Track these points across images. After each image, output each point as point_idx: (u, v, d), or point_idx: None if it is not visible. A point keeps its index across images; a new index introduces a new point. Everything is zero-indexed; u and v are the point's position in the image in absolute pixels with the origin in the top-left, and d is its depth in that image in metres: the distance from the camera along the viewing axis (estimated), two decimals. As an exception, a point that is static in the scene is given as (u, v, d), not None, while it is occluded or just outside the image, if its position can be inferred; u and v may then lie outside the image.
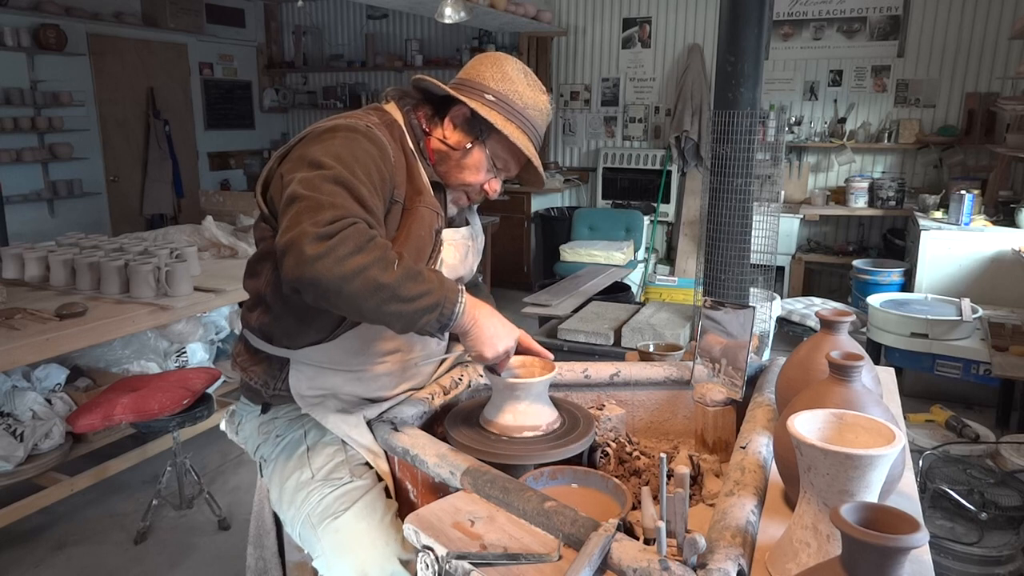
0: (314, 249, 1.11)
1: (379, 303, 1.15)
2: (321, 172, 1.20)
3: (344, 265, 1.11)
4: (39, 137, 5.94)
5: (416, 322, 1.20)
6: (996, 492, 2.32)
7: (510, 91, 1.39)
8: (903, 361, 3.73)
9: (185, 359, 3.69)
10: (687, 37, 6.26)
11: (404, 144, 1.39)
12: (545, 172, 6.45)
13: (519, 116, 1.39)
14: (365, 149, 1.27)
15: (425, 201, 1.38)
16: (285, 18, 8.13)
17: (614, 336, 2.94)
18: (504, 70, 1.40)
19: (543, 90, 1.44)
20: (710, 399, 1.46)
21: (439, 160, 1.44)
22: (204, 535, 2.83)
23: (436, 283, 1.21)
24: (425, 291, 1.18)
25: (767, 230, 2.94)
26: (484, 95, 1.38)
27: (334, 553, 1.31)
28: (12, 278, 3.27)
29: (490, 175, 1.45)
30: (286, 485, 1.39)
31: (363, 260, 1.12)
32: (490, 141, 1.41)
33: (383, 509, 1.34)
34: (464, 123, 1.41)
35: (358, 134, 1.29)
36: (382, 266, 1.14)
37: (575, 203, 6.83)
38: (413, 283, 1.17)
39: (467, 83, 1.41)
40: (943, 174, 5.61)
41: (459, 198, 1.48)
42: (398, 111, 1.44)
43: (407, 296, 1.16)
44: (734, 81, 2.68)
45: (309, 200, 1.16)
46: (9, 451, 2.74)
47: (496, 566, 0.98)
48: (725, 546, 0.95)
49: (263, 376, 1.43)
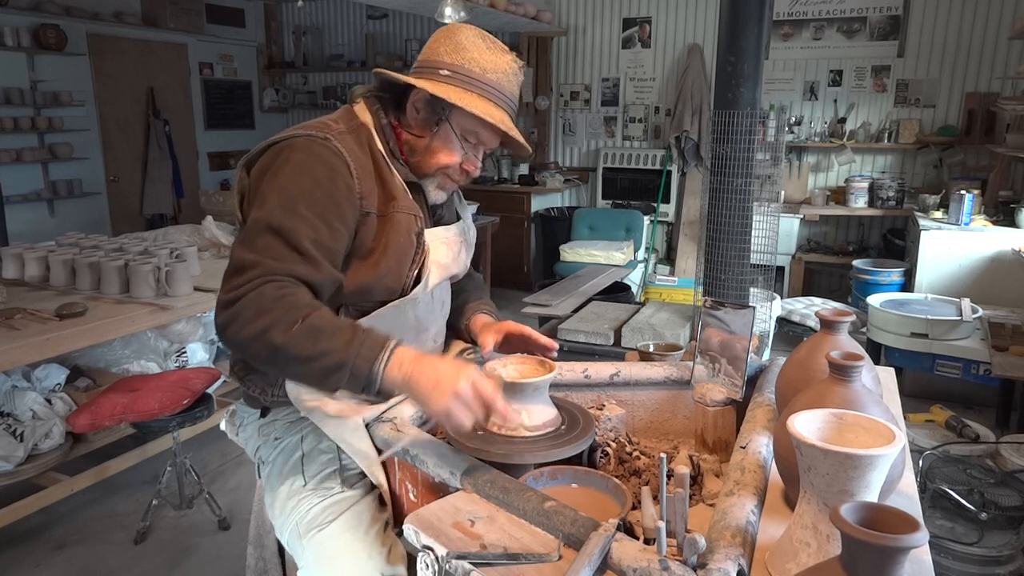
0: (221, 317, 1.14)
1: (282, 366, 1.14)
2: (261, 216, 1.21)
3: (246, 330, 1.12)
4: (39, 137, 5.95)
5: (326, 383, 1.13)
6: (996, 492, 2.32)
7: (465, 60, 1.33)
8: (903, 361, 3.72)
9: (185, 359, 3.69)
10: (687, 37, 6.26)
11: (373, 148, 1.36)
12: (545, 172, 6.40)
13: (478, 84, 1.33)
14: (317, 177, 1.24)
15: (400, 206, 1.35)
16: (285, 18, 8.13)
17: (614, 336, 2.94)
18: (456, 40, 1.34)
19: (505, 50, 1.37)
20: (710, 399, 1.46)
21: (411, 151, 1.40)
22: (204, 535, 2.83)
23: (345, 340, 1.12)
24: (326, 350, 1.11)
25: (767, 230, 2.94)
26: (439, 71, 1.33)
27: (316, 565, 1.30)
28: (12, 278, 3.28)
29: (466, 153, 1.40)
30: (279, 491, 1.39)
31: (264, 322, 1.11)
32: (454, 118, 1.35)
33: (369, 522, 1.31)
34: (425, 106, 1.36)
35: (312, 155, 1.26)
36: (282, 327, 1.10)
37: (575, 203, 6.83)
38: (312, 342, 1.10)
39: (423, 64, 1.37)
40: (943, 174, 5.61)
41: (443, 183, 1.43)
42: (367, 111, 1.40)
43: (304, 356, 1.10)
44: (734, 81, 2.68)
45: (233, 262, 1.18)
46: (9, 451, 2.74)
47: (496, 566, 0.98)
48: (725, 546, 0.95)
49: (260, 384, 1.43)
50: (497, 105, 1.36)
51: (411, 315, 1.45)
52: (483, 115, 1.32)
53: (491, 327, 1.56)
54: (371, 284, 1.36)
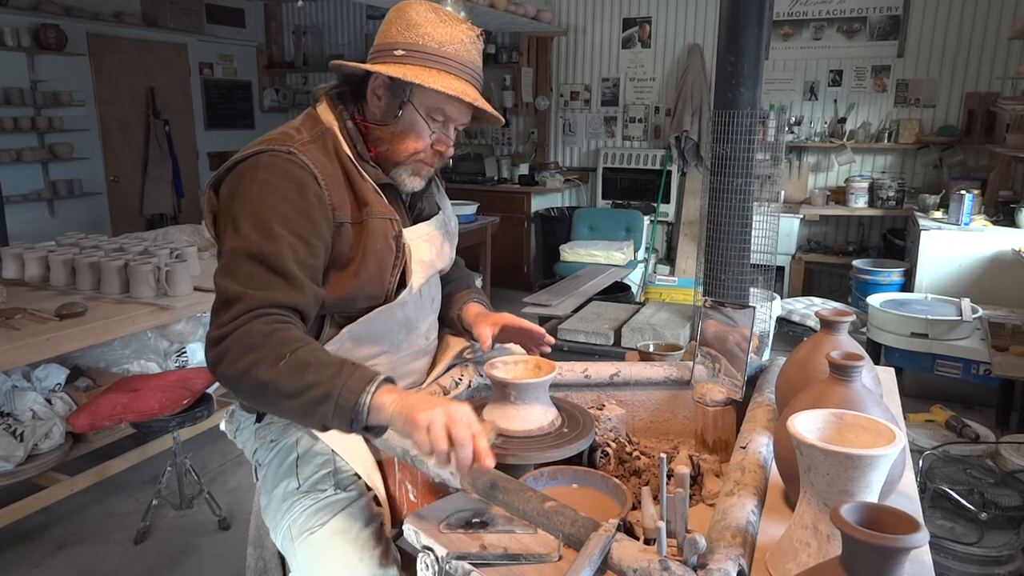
0: (211, 354, 1.14)
1: (270, 403, 1.13)
2: (238, 244, 1.20)
3: (235, 366, 1.11)
4: (39, 137, 5.94)
5: (311, 418, 1.11)
6: (996, 492, 2.31)
7: (418, 36, 1.29)
8: (903, 361, 3.72)
9: (185, 359, 3.69)
10: (687, 37, 6.26)
11: (340, 153, 1.33)
12: (545, 172, 6.38)
13: (435, 59, 1.29)
14: (284, 194, 1.23)
15: (374, 211, 1.32)
16: (285, 18, 8.12)
17: (614, 336, 2.95)
18: (407, 17, 1.30)
19: (459, 19, 1.32)
20: (710, 399, 1.46)
21: (380, 142, 1.36)
22: (204, 535, 2.83)
23: (332, 373, 1.10)
24: (312, 383, 1.09)
25: (767, 230, 2.94)
26: (393, 52, 1.29)
27: (307, 568, 1.29)
28: (12, 278, 3.27)
29: (434, 134, 1.35)
30: (274, 494, 1.38)
31: (252, 358, 1.10)
32: (416, 98, 1.31)
33: (361, 525, 1.30)
34: (386, 92, 1.32)
35: (276, 172, 1.24)
36: (268, 363, 1.10)
37: (575, 203, 6.83)
38: (298, 376, 1.09)
39: (378, 48, 1.33)
40: (943, 174, 5.61)
41: (417, 168, 1.39)
42: (331, 112, 1.36)
43: (290, 391, 1.09)
44: (734, 81, 2.68)
45: (219, 295, 1.18)
46: (9, 451, 2.74)
47: (496, 566, 0.98)
48: (725, 546, 0.95)
49: None
50: (459, 78, 1.31)
51: (400, 315, 1.44)
52: (445, 89, 1.27)
53: (485, 318, 1.55)
54: (353, 294, 1.34)
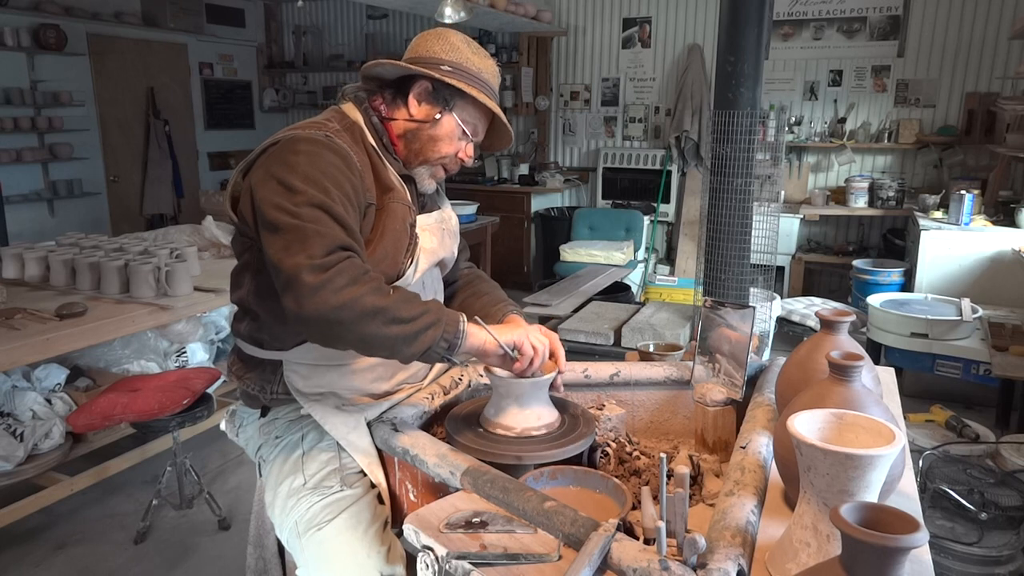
0: (313, 280, 1.14)
1: (380, 326, 1.17)
2: (295, 196, 1.21)
3: (341, 295, 1.15)
4: (39, 137, 5.94)
5: (420, 340, 1.21)
6: (996, 492, 2.31)
7: (462, 59, 1.42)
8: (903, 361, 3.72)
9: (185, 359, 3.69)
10: (687, 37, 6.26)
11: (366, 145, 1.40)
12: (545, 172, 6.42)
13: (477, 81, 1.43)
14: (331, 162, 1.28)
15: (396, 197, 1.40)
16: (285, 18, 8.13)
17: (614, 336, 2.95)
18: (451, 41, 1.43)
19: (487, 55, 1.49)
20: (710, 399, 1.46)
21: (409, 140, 1.45)
22: (204, 535, 2.83)
23: (433, 305, 1.26)
24: (423, 311, 1.22)
25: (767, 230, 2.95)
26: (440, 67, 1.40)
27: (315, 564, 1.31)
28: (12, 278, 3.27)
29: (462, 142, 1.47)
30: (279, 490, 1.39)
31: (358, 290, 1.16)
32: (456, 108, 1.43)
33: (368, 521, 1.32)
34: (428, 96, 1.42)
35: (320, 146, 1.29)
36: (378, 294, 1.18)
37: (575, 203, 6.83)
38: (410, 305, 1.21)
39: (420, 59, 1.43)
40: (943, 174, 5.61)
41: (436, 171, 1.50)
42: (356, 110, 1.45)
43: (406, 317, 1.19)
44: (734, 81, 2.68)
45: (295, 231, 1.18)
46: (9, 451, 2.74)
47: (496, 566, 0.98)
48: (725, 546, 0.95)
49: (259, 381, 1.44)
50: (492, 100, 1.45)
51: None
52: (491, 106, 1.43)
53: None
54: None
